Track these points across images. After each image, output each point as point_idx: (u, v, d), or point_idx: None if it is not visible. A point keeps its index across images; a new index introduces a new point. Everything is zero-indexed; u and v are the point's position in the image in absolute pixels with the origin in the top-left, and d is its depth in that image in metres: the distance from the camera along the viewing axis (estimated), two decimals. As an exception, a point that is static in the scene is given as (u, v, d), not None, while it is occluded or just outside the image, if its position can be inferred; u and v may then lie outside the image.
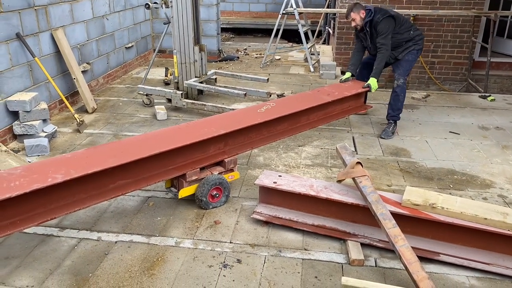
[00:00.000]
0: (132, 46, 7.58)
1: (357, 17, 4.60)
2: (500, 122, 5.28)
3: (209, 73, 6.03)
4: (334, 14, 8.06)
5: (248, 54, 9.22)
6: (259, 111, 3.86)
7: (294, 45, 10.35)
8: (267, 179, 3.23)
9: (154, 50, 7.70)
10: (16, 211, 2.52)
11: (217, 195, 3.37)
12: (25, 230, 2.61)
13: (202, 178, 3.30)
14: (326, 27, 9.44)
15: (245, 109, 4.14)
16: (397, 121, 4.90)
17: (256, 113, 3.82)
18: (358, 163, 3.10)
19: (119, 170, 2.84)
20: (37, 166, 2.78)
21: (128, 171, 2.90)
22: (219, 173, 3.39)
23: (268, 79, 6.01)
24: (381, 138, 4.77)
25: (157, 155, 2.99)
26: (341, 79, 5.00)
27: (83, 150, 3.06)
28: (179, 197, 3.28)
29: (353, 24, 4.69)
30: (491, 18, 6.45)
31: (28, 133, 4.42)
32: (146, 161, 2.97)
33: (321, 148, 4.49)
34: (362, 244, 2.90)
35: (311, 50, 8.18)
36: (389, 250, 2.82)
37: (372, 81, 4.62)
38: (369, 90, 4.67)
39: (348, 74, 4.95)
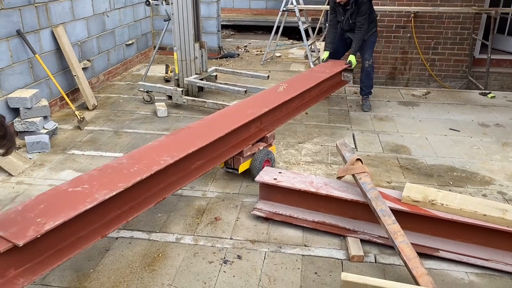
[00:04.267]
0: (133, 43, 7.58)
1: None
2: (500, 119, 5.29)
3: (209, 70, 6.03)
4: (335, 11, 8.03)
5: (248, 51, 9.21)
6: (279, 90, 4.26)
7: (294, 42, 10.35)
8: (267, 175, 3.24)
9: (155, 47, 7.70)
10: (134, 196, 2.66)
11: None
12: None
13: (254, 153, 3.65)
14: (327, 24, 9.42)
15: (266, 90, 4.52)
16: (370, 95, 5.60)
17: (277, 92, 4.20)
18: (358, 159, 3.11)
19: (196, 152, 3.08)
20: (139, 154, 2.91)
21: (202, 152, 3.17)
22: (263, 148, 3.74)
23: (268, 76, 6.00)
24: (364, 111, 5.44)
25: (220, 138, 3.27)
26: (322, 58, 5.60)
27: (165, 137, 3.24)
28: (239, 172, 3.60)
29: (341, 2, 5.10)
30: (492, 15, 6.44)
31: (29, 130, 4.43)
32: (215, 143, 3.25)
33: (321, 145, 4.50)
34: (362, 240, 2.92)
35: (311, 47, 8.17)
36: (389, 246, 2.84)
37: (352, 58, 5.28)
38: (350, 66, 5.32)
39: (326, 53, 5.57)
